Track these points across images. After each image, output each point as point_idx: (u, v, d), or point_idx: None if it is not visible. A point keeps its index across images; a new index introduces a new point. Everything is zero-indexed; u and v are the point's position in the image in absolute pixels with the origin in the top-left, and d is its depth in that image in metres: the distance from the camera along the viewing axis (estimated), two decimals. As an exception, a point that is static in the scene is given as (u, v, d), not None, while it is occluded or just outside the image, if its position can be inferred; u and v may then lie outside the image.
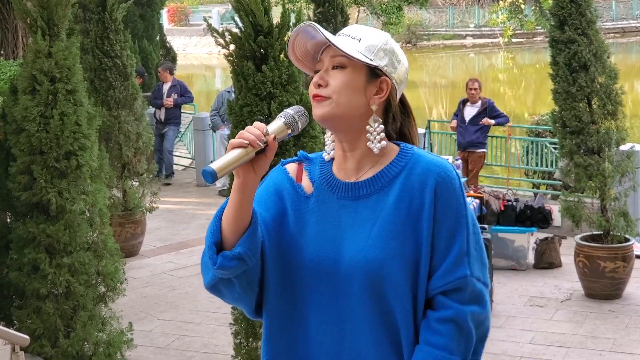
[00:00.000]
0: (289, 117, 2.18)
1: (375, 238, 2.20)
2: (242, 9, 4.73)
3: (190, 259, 9.48)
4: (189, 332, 7.19)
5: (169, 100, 13.48)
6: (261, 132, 2.11)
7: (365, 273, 2.18)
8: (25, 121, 5.15)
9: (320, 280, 2.23)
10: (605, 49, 7.80)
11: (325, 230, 2.24)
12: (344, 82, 2.22)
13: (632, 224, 7.73)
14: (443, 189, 2.22)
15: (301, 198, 2.30)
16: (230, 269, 2.17)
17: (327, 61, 2.25)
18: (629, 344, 6.73)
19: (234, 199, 2.16)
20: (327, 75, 2.24)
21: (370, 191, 2.24)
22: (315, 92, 2.23)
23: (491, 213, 9.10)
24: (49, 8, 5.25)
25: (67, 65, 5.26)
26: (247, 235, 2.18)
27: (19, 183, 5.18)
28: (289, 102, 4.77)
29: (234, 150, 2.09)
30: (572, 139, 7.72)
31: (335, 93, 2.21)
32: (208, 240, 2.20)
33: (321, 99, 2.22)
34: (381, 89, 2.26)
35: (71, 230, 5.17)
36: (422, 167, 2.23)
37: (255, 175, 2.15)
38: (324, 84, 2.23)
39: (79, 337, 5.22)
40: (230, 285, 2.23)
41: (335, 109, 2.22)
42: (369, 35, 2.26)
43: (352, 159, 2.28)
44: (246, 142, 2.09)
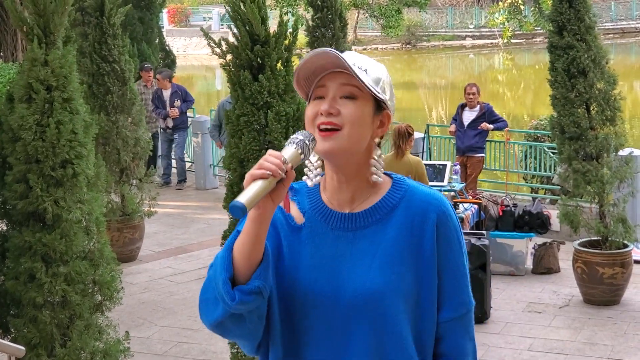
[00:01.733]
0: (300, 143, 2.08)
1: (376, 270, 2.16)
2: (239, 18, 4.72)
3: (188, 264, 9.47)
4: (187, 338, 7.18)
5: (174, 111, 13.40)
6: (280, 161, 2.02)
7: (367, 305, 2.14)
8: (21, 130, 5.12)
9: (318, 312, 2.18)
10: (604, 54, 7.79)
11: (321, 262, 2.19)
12: (356, 114, 2.13)
13: (631, 229, 7.72)
14: (444, 223, 2.20)
15: (293, 229, 2.24)
16: (248, 304, 2.08)
17: (333, 88, 2.15)
18: (627, 351, 6.72)
19: (251, 230, 2.07)
20: (336, 103, 2.14)
21: (369, 222, 2.20)
22: (327, 121, 2.12)
23: (490, 218, 9.09)
24: (45, 16, 5.23)
25: (63, 74, 5.23)
26: (262, 267, 2.10)
27: (15, 192, 5.16)
28: (286, 111, 4.76)
29: (256, 181, 2.01)
30: (571, 144, 7.70)
31: (348, 124, 2.12)
32: (221, 274, 2.09)
33: (330, 134, 2.12)
34: (383, 122, 2.21)
35: (67, 239, 5.15)
36: (420, 199, 2.21)
37: (273, 205, 2.07)
38: (336, 113, 2.12)
39: (75, 346, 5.20)
40: (240, 321, 2.13)
41: (345, 142, 2.13)
42: (373, 66, 2.19)
43: (348, 190, 2.22)
44: (268, 173, 2.01)
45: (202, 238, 10.63)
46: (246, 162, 4.81)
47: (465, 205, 8.98)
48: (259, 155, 4.75)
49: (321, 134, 2.12)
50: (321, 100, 2.15)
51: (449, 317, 2.21)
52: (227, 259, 2.10)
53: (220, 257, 2.12)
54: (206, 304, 2.15)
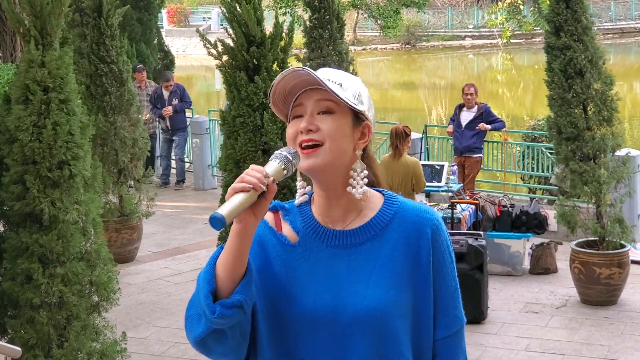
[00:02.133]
0: (284, 158, 2.10)
1: (374, 287, 2.16)
2: (235, 19, 4.73)
3: (186, 265, 9.48)
4: (184, 339, 7.15)
5: (167, 109, 13.47)
6: (262, 175, 2.03)
7: (367, 322, 2.14)
8: (18, 131, 5.14)
9: (317, 329, 2.17)
10: (601, 55, 7.80)
11: (319, 279, 2.19)
12: (335, 127, 2.14)
13: (628, 230, 7.73)
14: (438, 238, 2.21)
15: (287, 247, 2.23)
16: (228, 318, 2.08)
17: (310, 105, 2.16)
18: (624, 351, 6.73)
19: (234, 245, 2.08)
20: (314, 119, 2.14)
21: (363, 239, 2.20)
22: (307, 138, 2.13)
23: (487, 219, 9.09)
24: (42, 17, 5.25)
25: (60, 75, 5.25)
26: (244, 282, 2.10)
27: (12, 193, 5.17)
28: (282, 112, 4.76)
29: (237, 194, 2.02)
30: (568, 145, 7.72)
31: (328, 139, 2.13)
32: (203, 289, 2.10)
33: (312, 150, 2.13)
34: (364, 133, 2.20)
35: (64, 240, 5.17)
36: (413, 214, 2.21)
37: (255, 219, 2.08)
38: (315, 129, 2.13)
39: (72, 347, 5.21)
40: (221, 338, 2.13)
41: (327, 156, 2.13)
42: (348, 80, 2.20)
43: (338, 207, 2.22)
44: (249, 186, 2.02)
45: (200, 238, 10.64)
46: (242, 163, 4.83)
47: (463, 205, 8.99)
48: (254, 156, 4.76)
49: (303, 152, 2.14)
50: (300, 118, 2.16)
51: (444, 334, 2.22)
52: (209, 272, 2.10)
53: (204, 272, 2.12)
54: (190, 320, 2.15)
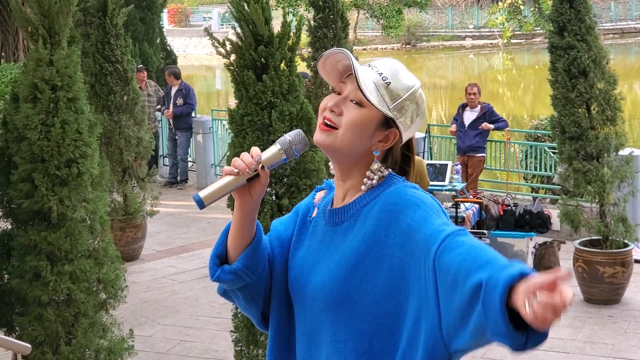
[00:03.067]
0: (285, 144, 2.18)
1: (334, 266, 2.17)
2: (243, 18, 4.75)
3: (190, 263, 9.51)
4: (189, 337, 7.22)
5: (168, 113, 13.57)
6: (253, 161, 2.14)
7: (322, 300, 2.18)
8: (26, 129, 5.16)
9: (297, 300, 2.29)
10: (605, 54, 7.82)
11: (308, 253, 2.28)
12: (356, 120, 2.16)
13: (631, 229, 7.75)
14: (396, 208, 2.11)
15: (306, 222, 2.34)
16: (227, 282, 2.27)
17: (347, 90, 2.20)
18: (628, 350, 6.75)
19: (235, 217, 2.23)
20: (343, 104, 2.18)
21: (343, 218, 2.23)
22: (328, 116, 2.19)
23: (490, 218, 9.13)
24: (50, 16, 5.27)
25: (68, 74, 5.28)
26: (245, 252, 2.24)
27: (20, 191, 5.20)
28: (289, 111, 4.79)
29: (225, 177, 2.15)
30: (571, 144, 7.74)
31: (344, 127, 2.17)
32: (212, 251, 2.28)
33: (326, 129, 2.18)
34: (387, 138, 2.20)
35: (72, 237, 5.19)
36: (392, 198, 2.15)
37: (252, 198, 2.19)
38: (338, 112, 2.18)
39: (80, 344, 5.24)
40: (235, 295, 2.33)
41: (336, 142, 2.18)
42: (400, 81, 2.20)
43: (343, 188, 2.26)
44: (236, 170, 2.13)
45: (203, 237, 10.66)
46: (250, 162, 4.84)
47: (466, 204, 9.02)
48: (262, 154, 4.78)
49: (320, 126, 2.20)
50: (336, 95, 2.21)
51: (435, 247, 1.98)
52: (221, 238, 2.28)
53: (219, 236, 2.29)
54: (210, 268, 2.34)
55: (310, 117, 4.87)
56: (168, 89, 13.77)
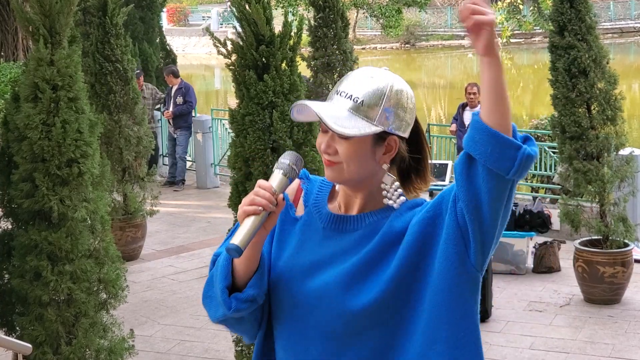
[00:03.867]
0: (286, 168, 2.18)
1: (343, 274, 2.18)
2: (244, 18, 4.75)
3: (190, 263, 9.51)
4: (189, 337, 7.22)
5: (167, 113, 13.58)
6: (270, 194, 2.12)
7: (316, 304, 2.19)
8: (27, 129, 5.16)
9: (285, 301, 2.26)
10: (605, 54, 7.82)
11: (301, 254, 2.25)
12: (350, 152, 2.16)
13: (632, 229, 7.75)
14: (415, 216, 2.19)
15: (290, 219, 2.31)
16: (244, 311, 2.21)
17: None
18: (628, 350, 6.76)
19: (246, 254, 2.15)
20: (333, 141, 2.18)
21: (357, 227, 2.22)
22: (327, 159, 2.20)
23: (491, 217, 9.11)
24: (51, 16, 5.27)
25: (69, 73, 5.27)
26: (257, 276, 2.20)
27: (21, 190, 5.19)
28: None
29: (248, 218, 2.11)
30: (572, 144, 7.74)
31: (344, 161, 2.18)
32: (220, 283, 2.20)
33: (332, 164, 2.19)
34: (390, 146, 2.20)
35: (73, 237, 5.19)
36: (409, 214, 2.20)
37: (266, 231, 2.17)
38: (332, 152, 2.18)
39: (80, 344, 5.24)
40: (239, 321, 2.27)
41: (346, 175, 2.19)
42: (371, 93, 2.18)
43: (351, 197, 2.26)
44: (260, 209, 2.10)
45: (203, 237, 10.67)
46: (251, 161, 4.85)
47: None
48: (264, 154, 4.79)
49: (325, 162, 2.21)
50: (325, 134, 2.20)
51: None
52: (226, 268, 2.19)
53: (221, 265, 2.20)
54: (210, 301, 2.27)
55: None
56: (169, 90, 13.77)
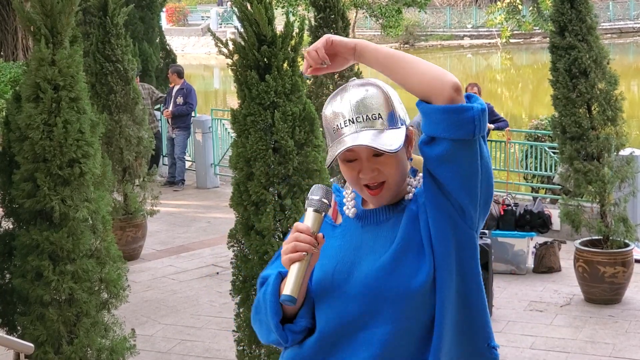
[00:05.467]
0: (318, 203, 2.25)
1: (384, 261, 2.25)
2: (246, 18, 4.75)
3: (191, 263, 9.51)
4: (190, 336, 7.22)
5: (167, 112, 13.59)
6: (310, 236, 2.20)
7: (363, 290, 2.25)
8: (28, 129, 5.16)
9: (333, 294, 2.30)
10: (605, 55, 7.83)
11: (345, 252, 2.31)
12: (394, 165, 2.27)
13: (632, 229, 7.76)
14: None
15: (328, 226, 2.37)
16: (299, 339, 2.31)
17: (363, 152, 2.26)
18: (629, 349, 6.76)
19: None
20: (372, 163, 2.26)
21: (389, 216, 2.31)
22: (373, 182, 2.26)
23: (491, 217, 9.12)
24: (52, 16, 5.27)
25: (70, 73, 5.28)
26: (306, 305, 2.31)
27: (23, 190, 5.20)
28: (292, 111, 4.79)
29: (294, 265, 2.20)
30: (572, 144, 7.74)
31: (392, 176, 2.26)
32: (273, 319, 2.28)
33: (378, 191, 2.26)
34: (410, 139, 2.33)
35: (74, 237, 5.19)
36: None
37: (311, 268, 2.27)
38: (378, 173, 2.26)
39: (82, 343, 5.24)
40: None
41: (392, 188, 2.28)
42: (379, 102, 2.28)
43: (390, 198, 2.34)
44: (304, 254, 2.19)
45: (203, 237, 10.67)
46: (252, 161, 4.85)
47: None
48: (265, 154, 4.79)
49: (370, 192, 2.28)
50: (354, 162, 2.27)
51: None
52: (275, 304, 2.27)
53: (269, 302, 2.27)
54: (260, 325, 2.37)
55: (313, 118, 4.87)
56: (170, 89, 13.77)
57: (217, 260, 9.39)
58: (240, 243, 5.03)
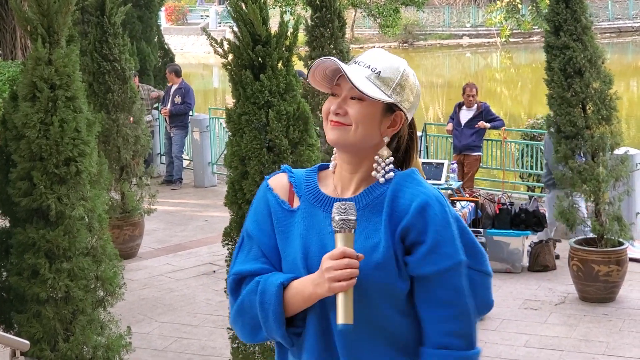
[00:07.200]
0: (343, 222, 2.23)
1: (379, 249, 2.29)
2: (241, 18, 4.79)
3: (188, 261, 9.54)
4: (186, 334, 7.26)
5: (164, 110, 13.63)
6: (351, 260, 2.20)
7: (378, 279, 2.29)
8: (25, 128, 5.20)
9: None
10: (600, 54, 7.86)
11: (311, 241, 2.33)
12: (362, 114, 2.30)
13: (626, 228, 7.79)
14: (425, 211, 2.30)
15: (286, 213, 2.39)
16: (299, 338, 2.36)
17: (345, 89, 2.32)
18: (622, 348, 6.80)
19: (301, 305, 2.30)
20: (345, 104, 2.31)
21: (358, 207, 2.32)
22: (335, 120, 2.31)
23: (486, 216, 9.15)
24: (49, 15, 5.30)
25: (67, 73, 5.31)
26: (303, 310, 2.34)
27: (19, 189, 5.23)
28: (286, 110, 4.83)
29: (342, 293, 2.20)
30: (567, 143, 7.78)
31: (354, 123, 2.30)
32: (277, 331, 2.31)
33: (340, 125, 2.31)
34: (395, 122, 2.35)
35: (70, 235, 5.23)
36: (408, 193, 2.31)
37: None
38: (342, 113, 2.31)
39: (78, 341, 5.27)
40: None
41: (352, 137, 2.30)
42: (388, 67, 2.33)
43: (355, 180, 2.37)
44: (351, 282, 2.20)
45: (200, 235, 10.71)
46: (247, 160, 4.89)
47: (463, 203, 9.06)
48: (260, 153, 4.82)
49: (331, 124, 2.32)
50: (335, 97, 2.34)
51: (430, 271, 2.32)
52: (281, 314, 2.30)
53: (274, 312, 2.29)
54: (243, 326, 2.38)
55: (307, 117, 4.91)
56: (168, 88, 13.81)
57: (214, 258, 9.43)
58: (235, 241, 5.07)
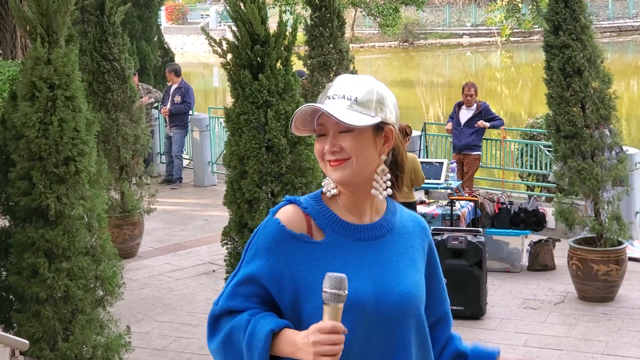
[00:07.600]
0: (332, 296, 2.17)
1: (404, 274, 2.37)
2: (240, 18, 4.80)
3: (187, 261, 9.55)
4: (186, 334, 7.26)
5: (164, 109, 13.63)
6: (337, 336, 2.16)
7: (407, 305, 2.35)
8: (24, 127, 5.20)
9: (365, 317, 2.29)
10: (599, 54, 7.87)
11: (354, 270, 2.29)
12: (357, 144, 2.30)
13: (625, 227, 7.80)
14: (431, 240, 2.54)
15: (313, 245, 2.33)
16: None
17: (331, 125, 2.30)
18: (621, 347, 6.81)
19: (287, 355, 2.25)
20: (336, 140, 2.30)
21: (384, 231, 2.39)
22: (333, 158, 2.30)
23: (486, 216, 9.17)
24: (48, 15, 5.31)
25: (66, 72, 5.31)
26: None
27: (19, 188, 5.24)
28: (285, 110, 4.84)
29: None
30: (566, 143, 7.79)
31: (353, 155, 2.30)
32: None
33: (340, 162, 2.30)
34: (387, 137, 2.35)
35: (70, 235, 5.23)
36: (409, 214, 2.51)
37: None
38: (338, 149, 2.30)
39: (77, 340, 5.28)
40: None
41: (355, 168, 2.30)
42: (361, 90, 2.32)
43: (365, 204, 2.38)
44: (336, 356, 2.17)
45: (200, 235, 10.72)
46: (246, 160, 4.89)
47: (462, 202, 9.07)
48: (258, 152, 4.83)
49: (330, 164, 2.32)
50: (323, 137, 2.33)
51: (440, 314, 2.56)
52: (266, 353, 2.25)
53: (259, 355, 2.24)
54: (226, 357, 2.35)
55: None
56: (168, 87, 13.82)
57: (214, 258, 9.43)
58: (234, 241, 5.08)
